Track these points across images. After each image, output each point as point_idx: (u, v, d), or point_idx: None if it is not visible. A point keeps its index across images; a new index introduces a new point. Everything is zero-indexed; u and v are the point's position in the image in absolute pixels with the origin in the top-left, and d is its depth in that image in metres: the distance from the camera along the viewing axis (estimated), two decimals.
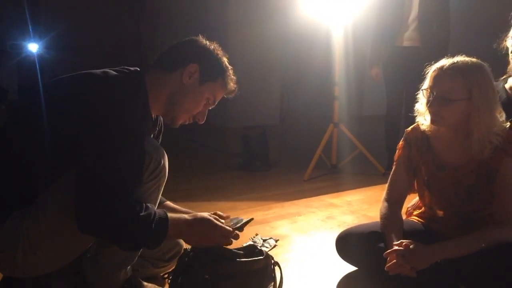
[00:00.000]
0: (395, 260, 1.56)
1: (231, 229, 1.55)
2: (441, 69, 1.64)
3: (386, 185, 1.91)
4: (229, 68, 1.61)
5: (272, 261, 1.54)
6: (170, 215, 1.42)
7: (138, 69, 1.52)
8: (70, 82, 1.47)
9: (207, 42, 1.60)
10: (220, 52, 1.60)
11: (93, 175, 1.30)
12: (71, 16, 6.58)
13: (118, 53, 6.06)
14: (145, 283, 1.59)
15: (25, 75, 6.79)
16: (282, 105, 6.26)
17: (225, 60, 1.61)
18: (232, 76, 1.62)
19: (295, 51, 6.40)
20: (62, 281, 1.56)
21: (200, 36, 1.62)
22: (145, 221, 1.34)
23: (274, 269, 1.55)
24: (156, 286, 1.61)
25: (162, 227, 1.38)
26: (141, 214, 1.34)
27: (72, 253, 1.43)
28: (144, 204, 1.36)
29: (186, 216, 1.49)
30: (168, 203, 1.76)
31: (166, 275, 1.50)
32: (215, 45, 1.61)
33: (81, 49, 6.27)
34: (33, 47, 6.57)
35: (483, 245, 1.57)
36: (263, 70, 5.65)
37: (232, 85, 1.62)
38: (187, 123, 1.61)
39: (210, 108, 1.63)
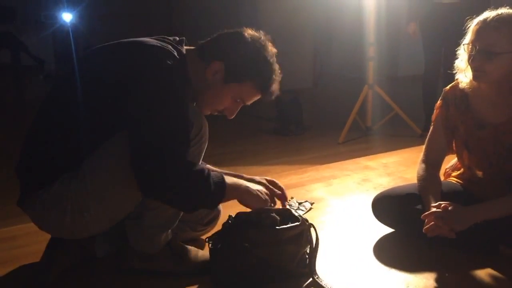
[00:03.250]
0: (433, 222, 1.55)
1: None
2: (484, 21, 1.57)
3: (424, 146, 1.88)
4: (265, 71, 1.52)
5: (307, 223, 1.55)
6: (226, 177, 1.47)
7: (178, 39, 1.52)
8: (113, 49, 1.49)
9: (252, 39, 1.52)
10: (264, 52, 1.51)
11: (148, 139, 1.34)
12: None
13: (150, 22, 6.07)
14: (185, 245, 1.64)
15: (61, 45, 6.92)
16: (315, 68, 6.17)
17: (265, 62, 1.51)
18: (274, 79, 1.54)
19: (326, 12, 6.26)
20: (106, 243, 1.64)
21: (250, 29, 1.54)
22: (204, 179, 1.39)
23: (310, 233, 1.56)
24: (196, 248, 1.65)
25: (220, 186, 1.43)
26: (200, 172, 1.39)
27: (118, 214, 1.48)
28: (201, 166, 1.42)
29: (243, 184, 1.54)
30: (209, 167, 1.79)
31: (207, 240, 1.54)
32: (262, 42, 1.52)
33: (113, 19, 6.31)
34: (67, 17, 6.65)
35: None
36: (294, 33, 5.56)
37: (270, 89, 1.55)
38: (215, 114, 1.60)
39: (246, 104, 1.59)
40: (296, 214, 1.56)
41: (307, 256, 1.55)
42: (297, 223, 1.51)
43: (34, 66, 7.33)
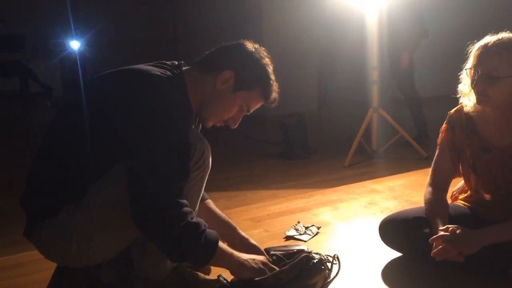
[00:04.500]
0: (441, 246, 1.54)
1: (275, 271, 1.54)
2: (485, 46, 1.58)
3: (430, 170, 1.87)
4: (271, 79, 1.58)
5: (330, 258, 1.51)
6: (220, 244, 1.45)
7: (176, 63, 1.55)
8: (112, 78, 1.51)
9: (254, 49, 1.58)
10: (265, 61, 1.57)
11: (144, 175, 1.34)
12: (109, 12, 6.72)
13: (156, 47, 6.15)
14: (191, 272, 1.63)
15: (68, 72, 7.01)
16: (319, 92, 6.20)
17: (268, 70, 1.57)
18: (274, 88, 1.59)
19: (329, 37, 6.33)
20: (112, 270, 1.62)
21: (249, 41, 1.59)
22: (197, 234, 1.38)
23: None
24: (202, 274, 1.64)
25: (212, 247, 1.42)
26: (194, 225, 1.39)
27: (123, 242, 1.48)
28: (198, 219, 1.41)
29: (235, 253, 1.51)
30: (209, 202, 1.79)
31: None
32: (263, 52, 1.58)
33: (120, 44, 6.40)
34: (74, 44, 6.75)
35: None
36: (299, 57, 5.61)
37: (271, 96, 1.60)
38: (218, 125, 1.62)
39: (247, 114, 1.62)
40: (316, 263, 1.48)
41: None
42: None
43: (42, 93, 7.41)
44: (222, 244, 1.48)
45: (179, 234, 1.37)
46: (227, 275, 1.57)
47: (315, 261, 1.45)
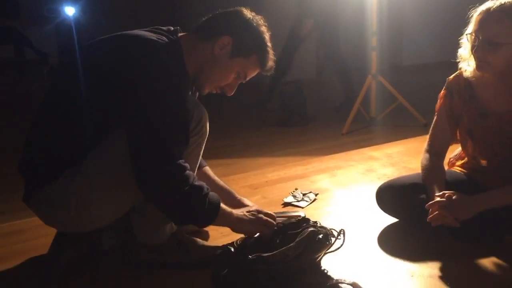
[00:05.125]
0: (437, 212, 1.55)
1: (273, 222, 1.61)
2: (487, 11, 1.56)
3: (428, 136, 1.87)
4: (268, 47, 1.57)
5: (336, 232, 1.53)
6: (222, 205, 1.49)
7: (172, 29, 1.52)
8: (108, 44, 1.49)
9: (251, 16, 1.57)
10: (263, 28, 1.57)
11: (145, 139, 1.36)
12: None
13: (152, 15, 6.06)
14: (190, 237, 1.65)
15: (64, 39, 6.92)
16: (317, 59, 6.15)
17: (266, 37, 1.57)
18: (270, 55, 1.59)
19: (329, 2, 6.22)
20: (111, 236, 1.65)
21: (248, 8, 1.58)
22: (201, 198, 1.42)
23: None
24: (200, 240, 1.66)
25: (214, 209, 1.46)
26: (198, 189, 1.42)
27: (122, 207, 1.50)
28: (201, 182, 1.44)
29: (234, 211, 1.56)
30: (207, 169, 1.80)
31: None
32: (260, 20, 1.58)
33: (115, 11, 6.30)
34: (69, 10, 6.64)
35: None
36: None
37: (269, 63, 1.59)
38: (214, 92, 1.62)
39: (243, 82, 1.62)
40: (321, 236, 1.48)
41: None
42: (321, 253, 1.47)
43: (37, 60, 7.33)
44: (222, 205, 1.51)
45: (183, 198, 1.40)
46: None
47: (320, 236, 1.47)
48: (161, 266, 1.56)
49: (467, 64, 1.69)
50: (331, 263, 1.55)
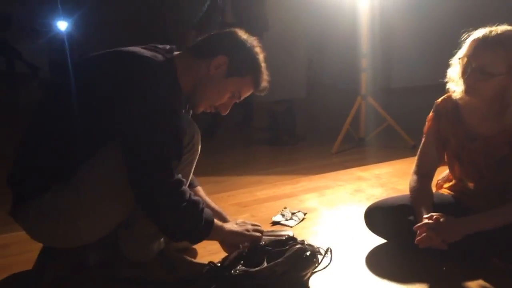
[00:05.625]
0: (425, 234, 1.56)
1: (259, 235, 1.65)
2: (483, 39, 1.56)
3: (416, 158, 1.89)
4: (262, 67, 1.60)
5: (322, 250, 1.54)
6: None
7: (168, 47, 1.54)
8: (103, 59, 1.50)
9: (246, 37, 1.59)
10: (257, 49, 1.59)
11: (141, 156, 1.37)
12: None
13: (144, 29, 6.08)
14: (178, 255, 1.64)
15: (56, 53, 6.90)
16: (308, 79, 6.20)
17: (260, 58, 1.59)
18: (265, 76, 1.61)
19: (320, 23, 6.31)
20: (98, 252, 1.63)
21: (241, 30, 1.61)
22: (197, 214, 1.45)
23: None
24: (188, 258, 1.65)
25: (209, 225, 1.49)
26: (195, 204, 1.45)
27: (110, 223, 1.49)
28: (196, 198, 1.48)
29: (224, 225, 1.61)
30: (199, 189, 1.80)
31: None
32: (254, 41, 1.60)
33: (108, 26, 6.31)
34: (62, 25, 6.65)
35: None
36: (288, 43, 5.59)
37: (263, 84, 1.61)
38: (208, 111, 1.63)
39: (237, 101, 1.63)
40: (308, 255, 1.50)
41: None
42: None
43: (28, 73, 7.30)
44: (215, 219, 1.54)
45: (181, 215, 1.42)
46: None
47: (308, 253, 1.47)
48: (147, 283, 1.55)
49: (455, 85, 1.70)
50: (319, 283, 1.55)
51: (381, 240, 1.88)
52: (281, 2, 5.39)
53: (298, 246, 1.49)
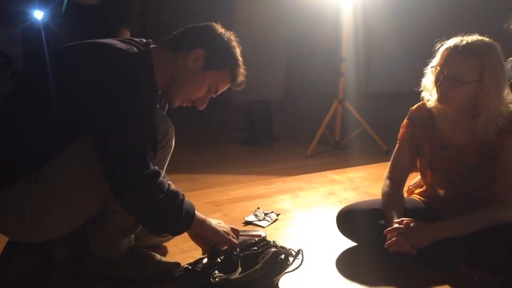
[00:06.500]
0: (395, 238, 1.58)
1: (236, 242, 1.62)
2: (454, 48, 1.60)
3: (389, 163, 1.91)
4: (240, 61, 1.59)
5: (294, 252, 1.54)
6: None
7: (144, 41, 1.52)
8: (77, 51, 1.47)
9: (223, 31, 1.58)
10: (234, 43, 1.58)
11: (117, 148, 1.34)
12: None
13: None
14: (147, 252, 1.62)
15: (31, 43, 6.75)
16: (287, 81, 6.22)
17: (237, 52, 1.58)
18: (242, 70, 1.60)
19: (302, 27, 6.33)
20: (66, 248, 1.60)
21: (218, 23, 1.60)
22: (177, 205, 1.42)
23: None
24: (158, 255, 1.63)
25: (190, 217, 1.46)
26: (174, 195, 1.43)
27: (78, 219, 1.46)
28: (176, 189, 1.45)
29: (207, 220, 1.57)
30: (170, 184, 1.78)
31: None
32: (231, 35, 1.59)
33: (85, 17, 6.21)
34: (38, 14, 6.51)
35: (484, 225, 1.59)
36: (268, 45, 5.59)
37: (240, 78, 1.60)
38: (185, 105, 1.61)
39: (213, 96, 1.62)
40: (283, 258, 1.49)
41: None
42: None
43: (1, 62, 7.13)
44: (196, 212, 1.51)
45: (158, 206, 1.39)
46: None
47: (282, 257, 1.47)
48: (115, 280, 1.53)
49: (429, 94, 1.74)
50: (288, 285, 1.55)
51: (352, 243, 1.89)
52: (263, 3, 5.40)
53: (273, 249, 1.48)
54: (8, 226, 1.42)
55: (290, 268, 1.50)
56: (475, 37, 1.62)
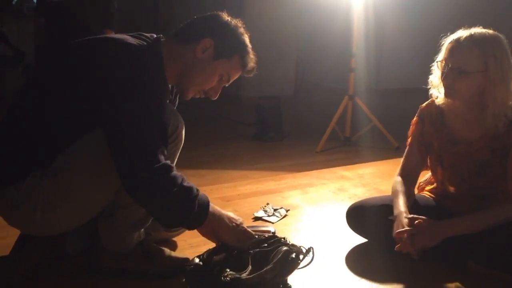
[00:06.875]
0: (405, 240, 1.57)
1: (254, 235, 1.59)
2: (457, 40, 1.60)
3: (401, 160, 1.91)
4: (249, 47, 1.58)
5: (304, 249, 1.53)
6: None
7: (155, 36, 1.52)
8: (87, 46, 1.47)
9: (229, 18, 1.57)
10: (242, 30, 1.57)
11: (129, 143, 1.34)
12: None
13: (135, 17, 6.02)
14: (157, 246, 1.63)
15: (42, 38, 6.80)
16: (297, 76, 6.20)
17: (246, 38, 1.58)
18: (251, 56, 1.59)
19: (312, 22, 6.31)
20: (76, 241, 1.61)
21: (224, 12, 1.59)
22: (191, 199, 1.40)
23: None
24: (168, 250, 1.64)
25: (205, 211, 1.44)
26: (188, 190, 1.40)
27: (89, 212, 1.47)
28: (191, 183, 1.42)
29: (223, 217, 1.54)
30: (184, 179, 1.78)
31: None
32: (238, 22, 1.58)
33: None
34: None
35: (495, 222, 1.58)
36: (279, 40, 5.58)
37: (250, 64, 1.59)
38: (198, 97, 1.61)
39: (226, 85, 1.62)
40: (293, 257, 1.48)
41: None
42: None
43: (12, 57, 7.19)
44: (212, 207, 1.48)
45: (171, 200, 1.38)
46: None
47: (293, 255, 1.47)
48: (125, 274, 1.54)
49: (437, 91, 1.73)
50: (298, 281, 1.55)
51: (361, 239, 1.89)
52: (273, 0, 5.38)
53: (285, 249, 1.48)
54: (20, 219, 1.44)
55: (300, 265, 1.50)
56: (478, 29, 1.62)
